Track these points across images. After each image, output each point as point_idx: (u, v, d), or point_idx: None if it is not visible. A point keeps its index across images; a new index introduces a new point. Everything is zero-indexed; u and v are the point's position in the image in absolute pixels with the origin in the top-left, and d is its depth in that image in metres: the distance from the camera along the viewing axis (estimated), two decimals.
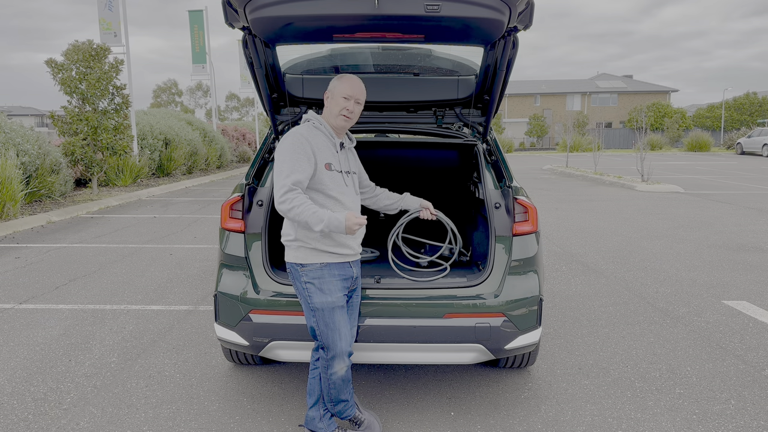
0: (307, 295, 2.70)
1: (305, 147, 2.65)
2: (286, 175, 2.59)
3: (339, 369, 2.72)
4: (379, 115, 3.98)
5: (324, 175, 2.69)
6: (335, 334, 2.68)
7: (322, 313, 2.67)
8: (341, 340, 2.69)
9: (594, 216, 10.28)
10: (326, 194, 2.71)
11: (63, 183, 11.96)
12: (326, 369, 2.74)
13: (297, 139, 2.66)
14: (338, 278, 2.72)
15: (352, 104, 2.76)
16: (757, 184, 15.66)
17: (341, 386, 2.77)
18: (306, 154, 2.64)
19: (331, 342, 2.69)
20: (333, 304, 2.68)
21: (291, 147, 2.64)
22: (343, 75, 2.81)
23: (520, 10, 2.78)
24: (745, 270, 6.28)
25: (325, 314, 2.67)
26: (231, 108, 79.18)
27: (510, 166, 3.61)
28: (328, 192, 2.71)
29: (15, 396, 3.40)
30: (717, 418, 3.13)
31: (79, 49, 12.56)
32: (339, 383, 2.75)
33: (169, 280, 5.94)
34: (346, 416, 2.86)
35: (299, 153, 2.62)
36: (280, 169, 2.62)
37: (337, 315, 2.69)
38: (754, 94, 51.17)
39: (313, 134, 2.73)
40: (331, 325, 2.68)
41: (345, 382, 2.77)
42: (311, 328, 2.75)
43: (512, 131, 52.48)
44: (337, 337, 2.69)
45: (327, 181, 2.70)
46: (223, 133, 24.54)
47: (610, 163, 24.95)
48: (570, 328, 4.50)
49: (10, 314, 4.91)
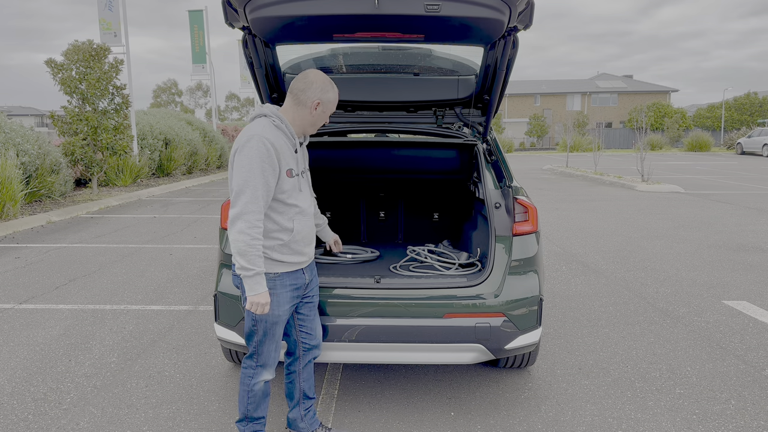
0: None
1: (271, 156, 2.43)
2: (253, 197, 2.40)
3: (264, 381, 2.68)
4: (379, 115, 3.98)
5: (285, 182, 2.51)
6: (272, 345, 2.64)
7: (264, 325, 2.58)
8: (276, 352, 2.66)
9: (594, 216, 10.28)
10: (285, 203, 2.55)
11: (63, 183, 11.95)
12: (251, 378, 2.66)
13: (263, 147, 2.41)
14: (289, 289, 2.61)
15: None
16: (758, 184, 15.66)
17: (260, 399, 2.70)
18: (272, 165, 2.44)
19: (265, 352, 2.63)
20: (277, 318, 2.59)
21: (258, 156, 2.40)
22: (334, 85, 2.59)
23: (520, 10, 2.78)
24: (745, 270, 6.28)
25: (267, 326, 2.59)
26: (231, 108, 79.26)
27: (510, 166, 3.61)
28: (287, 200, 2.54)
29: (15, 396, 3.40)
30: (717, 418, 3.13)
31: (79, 49, 12.56)
32: (259, 395, 2.69)
33: (169, 280, 5.94)
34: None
35: (266, 164, 2.42)
36: (246, 180, 2.40)
37: (279, 328, 2.63)
38: (754, 94, 51.16)
39: (276, 137, 2.48)
40: (270, 337, 2.61)
41: (265, 395, 2.72)
42: (248, 334, 2.64)
43: (512, 131, 52.46)
44: (273, 349, 2.64)
45: (287, 188, 2.53)
46: (223, 133, 24.54)
47: (610, 163, 24.95)
48: (570, 328, 4.50)
49: (10, 314, 4.91)
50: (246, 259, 2.41)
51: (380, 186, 4.94)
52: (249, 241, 2.40)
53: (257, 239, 2.42)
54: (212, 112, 26.52)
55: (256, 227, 2.41)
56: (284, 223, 2.55)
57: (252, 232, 2.40)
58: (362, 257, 3.79)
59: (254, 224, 2.41)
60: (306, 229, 2.64)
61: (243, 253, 2.40)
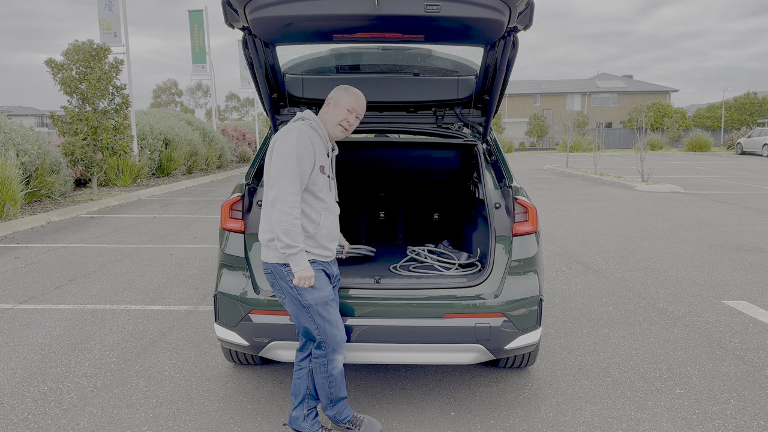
0: (297, 293, 2.69)
1: (309, 147, 2.68)
2: (291, 180, 2.60)
3: (339, 361, 2.77)
4: (379, 115, 3.98)
5: (318, 176, 2.73)
6: (333, 327, 2.72)
7: (316, 309, 2.69)
8: (339, 331, 2.75)
9: (594, 216, 10.28)
10: (317, 196, 2.75)
11: (63, 183, 11.96)
12: (326, 365, 2.76)
13: (303, 137, 2.67)
14: (323, 274, 2.78)
15: (353, 118, 2.82)
16: (758, 184, 15.66)
17: (340, 381, 2.81)
18: (308, 154, 2.67)
19: (330, 336, 2.72)
20: (326, 299, 2.72)
21: (297, 145, 2.64)
22: (350, 87, 2.86)
23: (520, 10, 2.78)
24: (745, 270, 6.28)
25: (320, 309, 2.70)
26: (231, 108, 79.22)
27: (510, 166, 3.60)
28: (319, 194, 2.75)
29: (15, 396, 3.40)
30: (717, 418, 3.13)
31: (79, 49, 12.56)
32: (339, 378, 2.79)
33: (169, 280, 5.94)
34: (345, 417, 2.86)
35: (303, 152, 2.65)
36: (285, 165, 2.61)
37: (331, 308, 2.74)
38: (754, 94, 51.16)
39: (313, 135, 2.76)
40: (327, 319, 2.71)
41: (342, 376, 2.83)
42: (305, 329, 2.76)
43: (512, 131, 52.47)
44: (335, 330, 2.73)
45: (319, 182, 2.74)
46: (223, 133, 24.54)
47: (610, 163, 24.95)
48: (570, 328, 4.50)
49: (10, 314, 4.91)
50: (290, 237, 2.58)
51: (380, 186, 4.94)
52: (291, 220, 2.57)
53: (297, 218, 2.60)
54: (212, 112, 26.51)
55: (296, 207, 2.60)
56: (313, 216, 2.73)
57: (293, 212, 2.58)
58: (360, 253, 3.81)
59: (294, 204, 2.59)
60: (330, 225, 2.81)
61: (287, 232, 2.57)
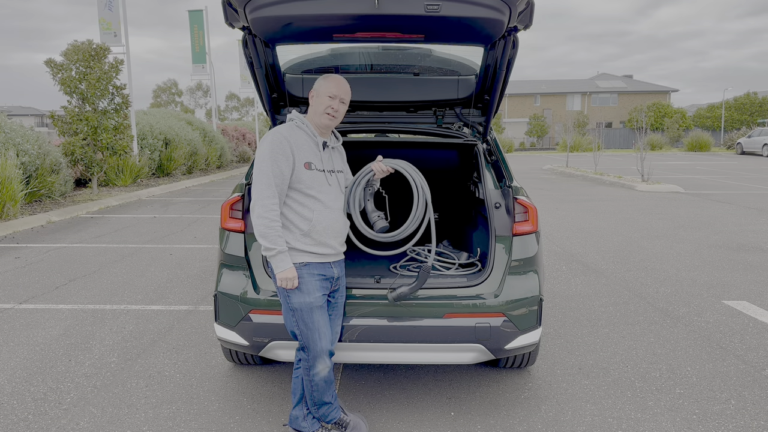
0: (286, 295, 2.71)
1: (284, 146, 2.67)
2: (266, 183, 2.62)
3: (321, 369, 2.73)
4: (379, 115, 3.98)
5: (303, 174, 2.71)
6: (315, 334, 2.69)
7: (300, 314, 2.69)
8: (321, 340, 2.70)
9: (594, 216, 10.28)
10: (305, 193, 2.73)
11: (63, 183, 11.95)
12: (308, 370, 2.74)
13: (276, 138, 2.69)
14: (317, 278, 2.73)
15: (337, 103, 2.79)
16: (758, 184, 15.66)
17: (324, 388, 2.77)
18: (284, 154, 2.66)
19: (311, 342, 2.70)
20: (311, 305, 2.69)
21: (270, 147, 2.67)
22: (329, 75, 2.84)
23: (520, 10, 2.78)
24: (745, 270, 6.28)
25: (303, 314, 2.68)
26: (231, 108, 79.23)
27: (510, 166, 3.60)
28: (307, 191, 2.73)
29: (15, 396, 3.40)
30: (717, 418, 3.13)
31: (78, 49, 12.56)
32: (321, 384, 2.76)
33: (169, 280, 5.94)
34: (331, 419, 2.84)
35: (278, 153, 2.65)
36: (260, 169, 2.65)
37: (316, 315, 2.70)
38: (754, 94, 51.17)
39: (293, 133, 2.75)
40: (310, 326, 2.69)
41: (327, 383, 2.77)
42: (291, 331, 2.77)
43: (512, 131, 52.47)
44: (317, 337, 2.70)
45: (306, 180, 2.72)
46: (223, 133, 24.54)
47: (610, 163, 24.95)
48: (570, 328, 4.50)
49: (10, 314, 4.91)
50: (268, 240, 2.62)
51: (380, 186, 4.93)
52: (267, 224, 2.61)
53: (275, 221, 2.63)
54: (212, 112, 26.51)
55: (272, 210, 2.62)
56: (305, 213, 2.72)
57: (269, 215, 2.61)
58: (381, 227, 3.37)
59: (270, 207, 2.62)
60: (327, 221, 2.76)
61: (264, 235, 2.62)
